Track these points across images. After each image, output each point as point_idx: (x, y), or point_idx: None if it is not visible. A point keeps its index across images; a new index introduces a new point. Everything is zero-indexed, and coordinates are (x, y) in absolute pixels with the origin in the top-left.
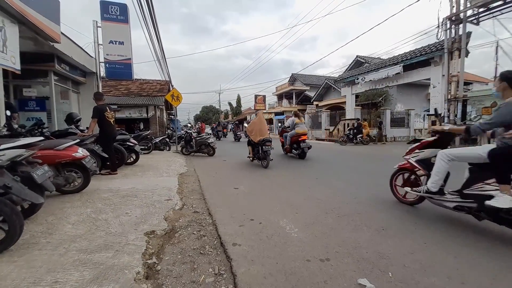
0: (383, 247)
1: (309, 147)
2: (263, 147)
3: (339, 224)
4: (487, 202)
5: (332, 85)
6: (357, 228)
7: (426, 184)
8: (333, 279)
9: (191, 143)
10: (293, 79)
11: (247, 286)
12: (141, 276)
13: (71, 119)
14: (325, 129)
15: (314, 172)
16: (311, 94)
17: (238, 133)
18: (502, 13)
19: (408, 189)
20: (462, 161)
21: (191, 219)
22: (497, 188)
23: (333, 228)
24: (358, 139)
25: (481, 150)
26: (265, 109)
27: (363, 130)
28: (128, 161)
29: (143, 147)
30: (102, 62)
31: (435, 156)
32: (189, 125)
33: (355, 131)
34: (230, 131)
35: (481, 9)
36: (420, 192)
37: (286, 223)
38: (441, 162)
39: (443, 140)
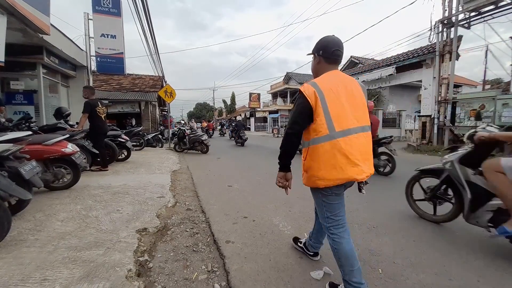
0: (374, 244)
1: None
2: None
3: None
4: None
5: None
6: (349, 226)
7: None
8: (325, 275)
9: (184, 140)
10: (288, 78)
11: (240, 283)
12: (133, 273)
13: (60, 113)
14: None
15: None
16: None
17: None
18: (493, 18)
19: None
20: None
21: (184, 216)
22: None
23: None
24: None
25: None
26: (259, 107)
27: None
28: (120, 157)
29: (135, 143)
30: (93, 56)
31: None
32: (183, 121)
33: None
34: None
35: (472, 13)
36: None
37: (280, 220)
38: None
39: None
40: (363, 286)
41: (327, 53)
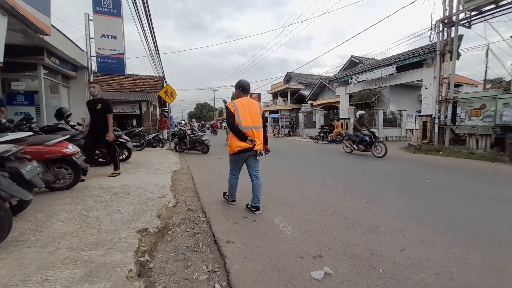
0: (374, 244)
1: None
2: None
3: (332, 222)
4: None
5: (327, 84)
6: (350, 226)
7: None
8: (325, 275)
9: (185, 140)
10: (288, 78)
11: (241, 283)
12: (134, 273)
13: (61, 114)
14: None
15: (307, 170)
16: (306, 93)
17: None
18: (494, 17)
19: None
20: None
21: (184, 216)
22: None
23: (326, 225)
24: (329, 137)
25: None
26: None
27: (334, 129)
28: (120, 158)
29: (135, 143)
30: (93, 56)
31: None
32: (183, 122)
33: (326, 130)
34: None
35: (473, 13)
36: None
37: (280, 220)
38: None
39: None
40: (235, 197)
41: (239, 89)
